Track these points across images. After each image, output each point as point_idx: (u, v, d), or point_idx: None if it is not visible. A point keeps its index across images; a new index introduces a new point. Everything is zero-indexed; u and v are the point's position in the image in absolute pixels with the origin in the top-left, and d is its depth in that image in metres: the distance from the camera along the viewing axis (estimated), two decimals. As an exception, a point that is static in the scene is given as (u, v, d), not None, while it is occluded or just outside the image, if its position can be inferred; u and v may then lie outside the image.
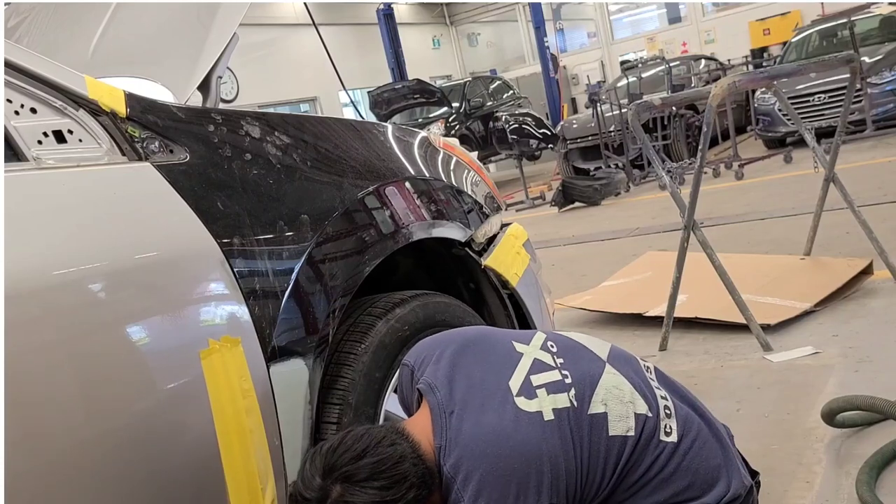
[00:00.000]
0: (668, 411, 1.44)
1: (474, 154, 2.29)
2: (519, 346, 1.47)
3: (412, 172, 1.88)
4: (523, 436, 1.32)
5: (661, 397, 1.47)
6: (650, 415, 1.41)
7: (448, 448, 1.32)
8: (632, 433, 1.38)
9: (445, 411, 1.36)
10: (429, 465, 1.31)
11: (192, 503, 1.28)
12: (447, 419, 1.35)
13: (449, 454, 1.31)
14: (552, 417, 1.34)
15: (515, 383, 1.38)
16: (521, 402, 1.36)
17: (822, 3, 13.41)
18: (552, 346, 1.48)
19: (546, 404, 1.36)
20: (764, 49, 14.86)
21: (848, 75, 3.94)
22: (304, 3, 3.04)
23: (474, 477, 1.28)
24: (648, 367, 1.53)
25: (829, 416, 2.23)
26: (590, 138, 10.11)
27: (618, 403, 1.40)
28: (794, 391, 2.62)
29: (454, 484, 1.29)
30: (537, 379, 1.40)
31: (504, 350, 1.47)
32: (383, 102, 11.86)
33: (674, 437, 1.41)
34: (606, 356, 1.49)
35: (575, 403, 1.37)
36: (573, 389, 1.39)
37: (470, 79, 14.49)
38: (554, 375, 1.41)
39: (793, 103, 7.02)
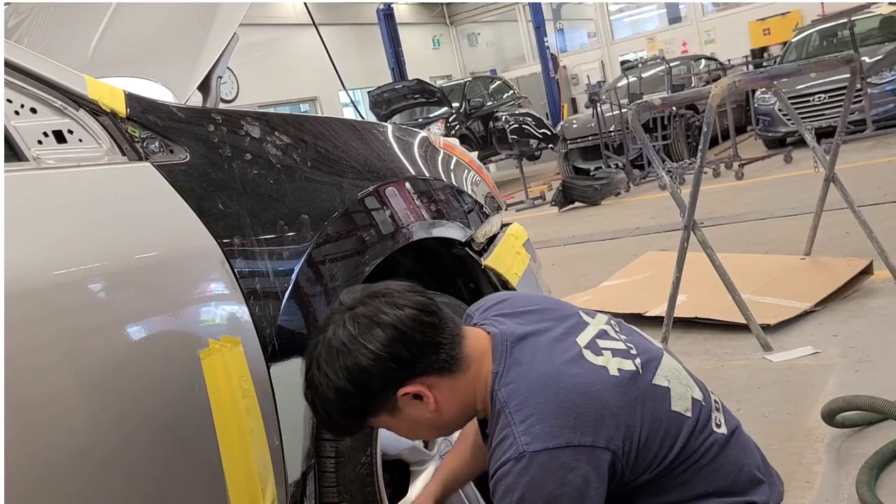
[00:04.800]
0: (717, 405, 1.42)
1: (474, 154, 2.29)
2: (585, 316, 1.42)
3: (412, 172, 1.88)
4: (587, 378, 1.24)
5: (711, 392, 1.45)
6: (704, 403, 1.38)
7: (505, 374, 1.25)
8: (689, 414, 1.32)
9: (508, 339, 1.29)
10: (468, 364, 1.27)
11: (191, 503, 1.29)
12: (509, 346, 1.28)
13: (505, 380, 1.24)
14: (617, 374, 1.28)
15: (582, 340, 1.32)
16: (588, 355, 1.29)
17: (822, 3, 13.41)
18: (614, 324, 1.44)
19: (612, 364, 1.29)
20: (764, 49, 14.86)
21: (848, 75, 3.94)
22: (304, 3, 3.04)
23: (530, 403, 1.20)
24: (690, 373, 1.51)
25: (829, 416, 2.23)
26: (590, 138, 10.11)
27: (678, 383, 1.35)
28: (794, 391, 2.63)
29: (506, 408, 1.21)
30: (603, 343, 1.34)
31: (571, 311, 1.42)
32: (383, 102, 11.87)
33: (724, 430, 1.37)
34: (658, 344, 1.47)
35: (640, 371, 1.31)
36: (638, 359, 1.33)
37: (470, 79, 14.49)
38: (619, 344, 1.36)
39: (793, 103, 7.02)
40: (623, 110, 9.07)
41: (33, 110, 1.26)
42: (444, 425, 1.34)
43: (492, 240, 2.04)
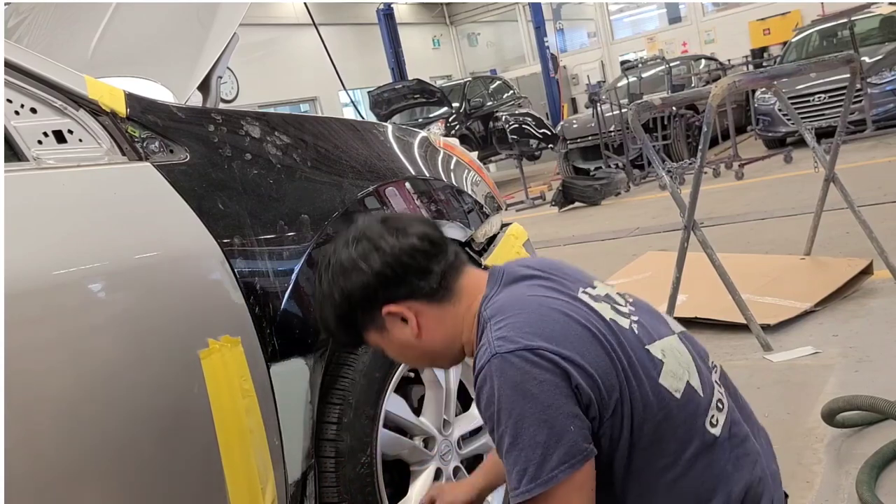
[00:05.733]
0: (720, 405, 1.32)
1: (474, 154, 2.29)
2: (595, 282, 1.37)
3: (412, 172, 1.88)
4: (573, 310, 1.22)
5: (718, 390, 1.34)
6: (701, 395, 1.28)
7: (493, 297, 1.25)
8: (678, 396, 1.24)
9: (505, 271, 1.31)
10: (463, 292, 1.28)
11: (191, 503, 1.29)
12: (504, 277, 1.29)
13: (491, 301, 1.25)
14: (606, 319, 1.23)
15: (580, 291, 1.29)
16: (582, 296, 1.27)
17: (822, 3, 13.41)
18: (626, 295, 1.38)
19: (606, 311, 1.25)
20: (764, 49, 14.86)
21: (848, 75, 3.94)
22: (304, 3, 3.04)
23: (509, 315, 1.20)
24: (715, 366, 1.41)
25: (829, 416, 2.23)
26: (590, 138, 10.11)
27: (675, 363, 1.27)
28: (794, 391, 2.63)
29: (488, 323, 1.21)
30: (605, 300, 1.30)
31: (583, 275, 1.38)
32: (383, 102, 11.87)
33: (716, 431, 1.26)
34: (677, 330, 1.38)
35: (634, 332, 1.25)
36: (636, 326, 1.28)
37: (470, 79, 14.49)
38: (621, 307, 1.31)
39: (793, 103, 7.02)
40: (623, 110, 9.07)
41: (33, 110, 1.26)
42: (430, 354, 1.32)
43: (492, 240, 2.04)
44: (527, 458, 1.12)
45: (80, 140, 1.30)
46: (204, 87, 1.78)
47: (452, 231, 1.91)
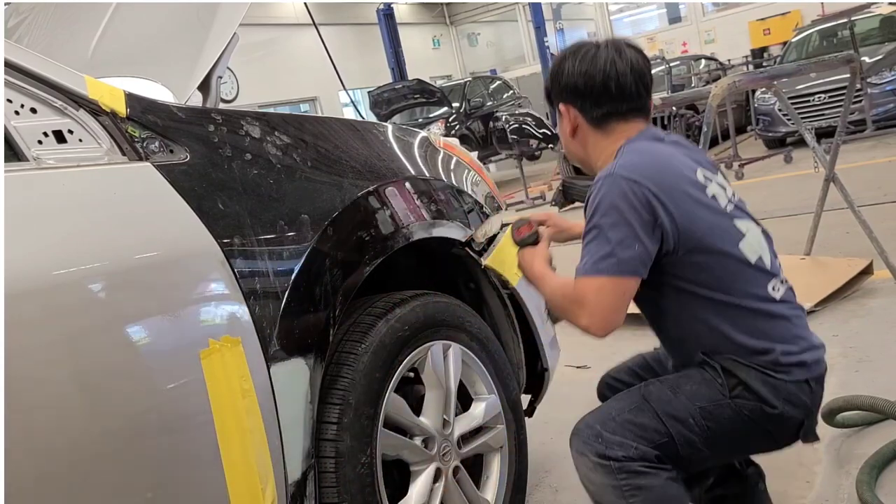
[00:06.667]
0: (783, 282, 1.63)
1: (474, 154, 2.29)
2: (720, 174, 1.65)
3: (412, 172, 1.88)
4: (686, 170, 1.54)
5: (783, 282, 1.64)
6: (769, 271, 1.59)
7: (636, 139, 1.58)
8: (752, 261, 1.55)
9: (658, 132, 1.63)
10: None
11: (191, 503, 1.29)
12: (653, 134, 1.61)
13: (631, 144, 1.57)
14: (709, 194, 1.54)
15: (699, 172, 1.58)
16: (698, 172, 1.57)
17: (822, 3, 13.42)
18: (736, 195, 1.62)
19: (713, 188, 1.56)
20: (764, 49, 14.88)
21: (848, 75, 3.94)
22: (304, 3, 3.04)
23: (636, 155, 1.53)
24: (785, 280, 1.68)
25: (829, 416, 2.23)
26: (590, 138, 10.09)
27: (755, 241, 1.57)
28: (794, 391, 2.62)
29: (620, 152, 1.55)
30: (715, 184, 1.59)
31: (706, 161, 1.66)
32: (383, 102, 11.87)
33: (776, 296, 1.59)
34: (762, 229, 1.65)
35: (728, 210, 1.56)
36: (731, 207, 1.57)
37: (470, 79, 14.50)
38: (727, 195, 1.59)
39: (793, 103, 7.01)
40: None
41: (33, 110, 1.26)
42: (569, 152, 1.72)
43: (492, 240, 2.04)
44: (597, 249, 1.45)
45: (80, 140, 1.30)
46: (204, 87, 1.78)
47: (452, 231, 1.91)
